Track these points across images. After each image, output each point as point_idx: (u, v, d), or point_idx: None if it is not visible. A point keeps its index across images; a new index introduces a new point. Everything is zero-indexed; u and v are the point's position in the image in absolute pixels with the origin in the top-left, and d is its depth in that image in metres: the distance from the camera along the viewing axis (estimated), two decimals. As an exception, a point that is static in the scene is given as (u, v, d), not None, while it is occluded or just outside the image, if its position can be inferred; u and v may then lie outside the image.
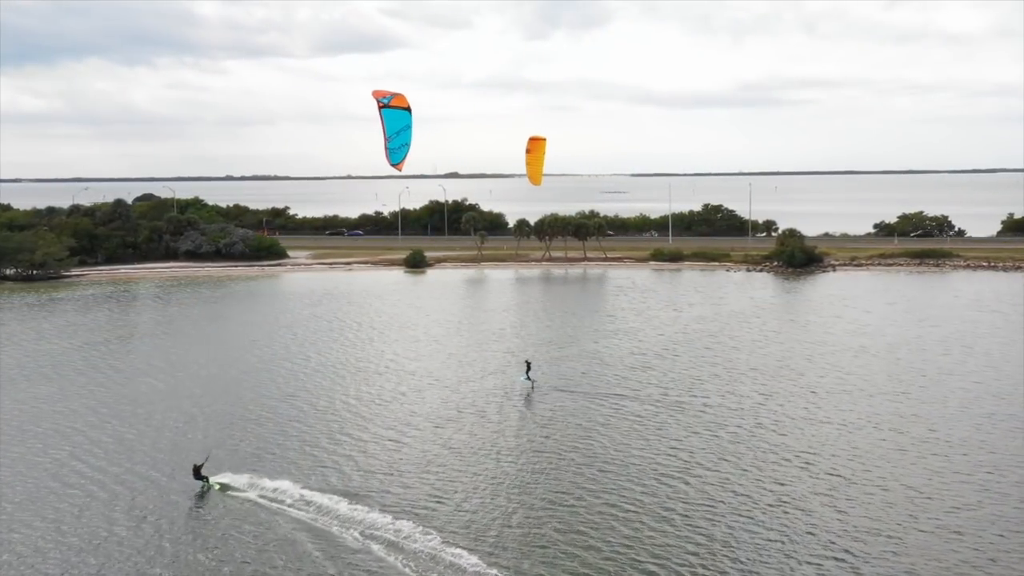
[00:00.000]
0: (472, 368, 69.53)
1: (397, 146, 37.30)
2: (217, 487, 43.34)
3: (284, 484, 43.49)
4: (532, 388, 61.71)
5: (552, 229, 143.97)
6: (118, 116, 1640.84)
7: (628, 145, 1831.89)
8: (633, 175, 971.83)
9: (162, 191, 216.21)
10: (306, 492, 42.71)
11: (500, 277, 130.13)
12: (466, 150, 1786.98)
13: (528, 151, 56.24)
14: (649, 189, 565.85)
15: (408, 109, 36.92)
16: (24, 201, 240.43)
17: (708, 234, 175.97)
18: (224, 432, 53.32)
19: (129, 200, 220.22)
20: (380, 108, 36.59)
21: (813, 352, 74.06)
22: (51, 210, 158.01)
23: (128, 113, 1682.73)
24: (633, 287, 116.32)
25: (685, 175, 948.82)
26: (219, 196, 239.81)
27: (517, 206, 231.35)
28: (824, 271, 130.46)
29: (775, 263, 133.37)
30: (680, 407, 57.36)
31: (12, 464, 47.94)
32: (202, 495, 42.91)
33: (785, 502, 41.27)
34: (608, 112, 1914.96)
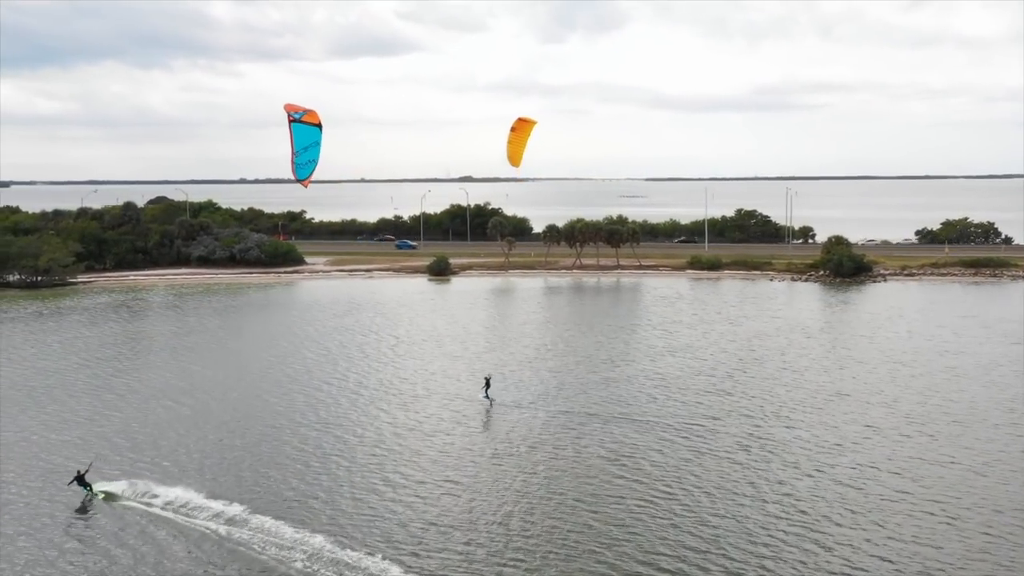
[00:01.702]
0: (526, 391, 62.29)
1: (304, 161, 37.10)
2: (101, 495, 41.87)
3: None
4: (491, 405, 57.98)
5: (583, 235, 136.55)
6: (132, 119, 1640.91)
7: (641, 149, 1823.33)
8: (647, 179, 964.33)
9: (174, 194, 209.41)
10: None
11: (530, 286, 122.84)
12: (480, 154, 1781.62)
13: (513, 129, 50.45)
14: (666, 193, 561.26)
15: (319, 126, 36.87)
16: (37, 204, 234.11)
17: (742, 240, 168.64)
18: (264, 470, 46.17)
19: (141, 203, 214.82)
20: (290, 122, 36.00)
21: (897, 373, 66.64)
22: (57, 213, 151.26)
23: (142, 115, 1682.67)
24: (678, 297, 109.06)
25: (699, 179, 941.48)
26: (232, 199, 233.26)
27: (534, 210, 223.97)
28: (874, 281, 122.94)
29: (821, 272, 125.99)
30: (775, 444, 49.92)
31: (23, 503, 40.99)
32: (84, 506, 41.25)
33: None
34: (621, 116, 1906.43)
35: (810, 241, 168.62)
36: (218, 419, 55.92)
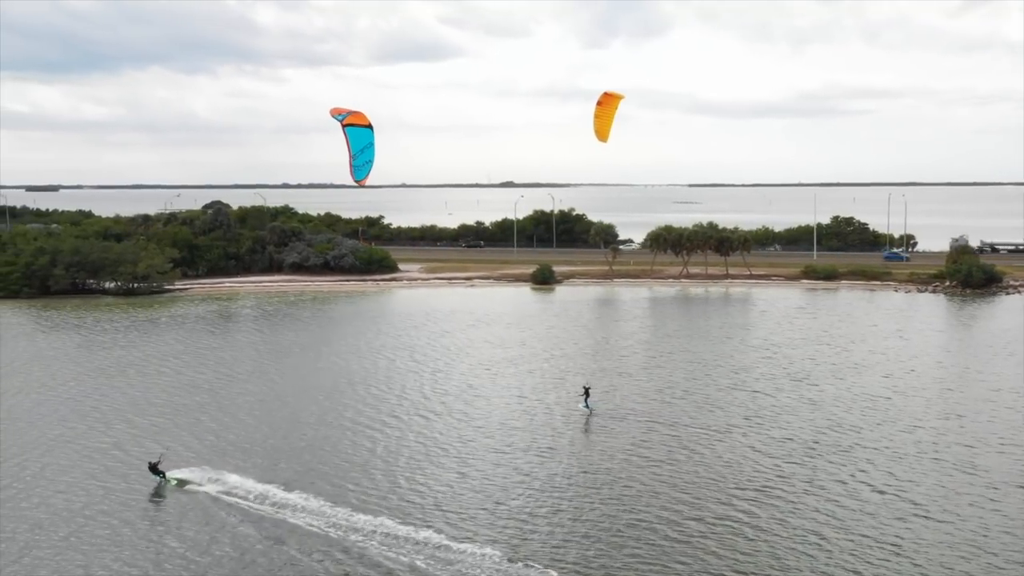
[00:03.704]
0: (630, 403, 57.24)
1: (362, 163, 37.71)
2: (174, 483, 44.59)
3: None
4: (590, 415, 57.35)
5: (691, 243, 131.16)
6: (177, 123, 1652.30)
7: (684, 155, 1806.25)
8: (689, 185, 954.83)
9: (225, 197, 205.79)
10: None
11: (636, 295, 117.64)
12: (522, 159, 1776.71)
13: (599, 103, 46.59)
14: (721, 199, 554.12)
15: (369, 127, 37.55)
16: (87, 207, 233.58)
17: (840, 248, 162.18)
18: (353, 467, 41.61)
19: (194, 207, 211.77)
20: (343, 126, 36.84)
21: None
22: (147, 218, 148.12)
23: (187, 120, 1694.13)
24: (815, 308, 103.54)
25: (743, 186, 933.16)
26: (277, 203, 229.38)
27: (591, 217, 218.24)
28: (1007, 293, 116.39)
29: (947, 283, 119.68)
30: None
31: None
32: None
33: None
34: (663, 121, 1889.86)
35: (911, 250, 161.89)
36: (307, 421, 56.89)
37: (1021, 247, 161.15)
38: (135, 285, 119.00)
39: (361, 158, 37.53)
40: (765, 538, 38.22)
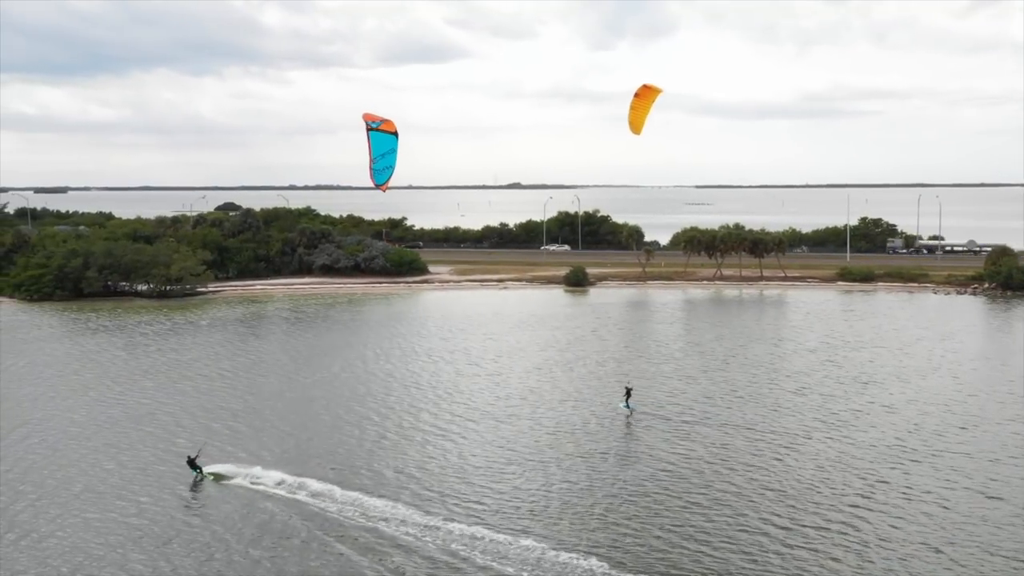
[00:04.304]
0: (675, 404, 56.45)
1: (382, 167, 38.48)
2: (211, 477, 45.80)
3: None
4: (631, 415, 57.49)
5: (725, 244, 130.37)
6: (183, 125, 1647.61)
7: (690, 156, 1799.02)
8: (696, 186, 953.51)
9: (229, 198, 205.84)
10: None
11: (670, 298, 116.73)
12: (527, 161, 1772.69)
13: (637, 95, 45.84)
14: (731, 201, 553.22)
15: (395, 134, 38.29)
16: (95, 209, 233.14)
17: (867, 250, 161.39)
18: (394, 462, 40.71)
19: (209, 209, 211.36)
20: (368, 131, 37.65)
21: None
22: (175, 220, 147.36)
23: (193, 122, 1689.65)
24: (860, 311, 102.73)
25: (749, 187, 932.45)
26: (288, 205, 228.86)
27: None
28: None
29: (987, 285, 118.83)
30: None
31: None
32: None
33: None
34: (669, 123, 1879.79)
35: (943, 252, 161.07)
36: (370, 421, 57.06)
37: (957, 247, 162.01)
38: (167, 287, 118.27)
39: (381, 163, 38.35)
40: (882, 546, 37.39)
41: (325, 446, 51.72)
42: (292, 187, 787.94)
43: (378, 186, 39.05)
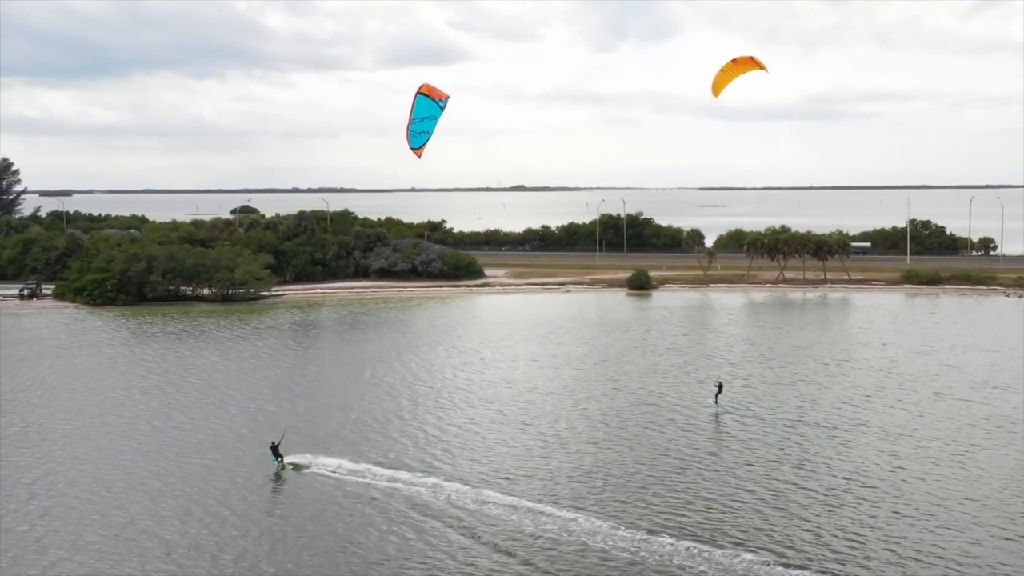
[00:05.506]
0: (762, 402, 55.46)
1: (419, 130, 37.92)
2: (290, 467, 46.92)
3: None
4: (719, 411, 58.57)
5: (788, 247, 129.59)
6: (186, 128, 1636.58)
7: (694, 158, 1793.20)
8: (700, 188, 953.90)
9: (234, 200, 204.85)
10: None
11: (735, 301, 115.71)
12: (531, 163, 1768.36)
13: (734, 60, 45.25)
14: (742, 203, 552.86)
15: (438, 102, 37.58)
16: (99, 212, 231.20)
17: (917, 252, 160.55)
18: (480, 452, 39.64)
19: (226, 213, 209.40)
20: (417, 94, 37.32)
21: None
22: (228, 223, 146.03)
23: (195, 125, 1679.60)
24: (944, 313, 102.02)
25: (753, 189, 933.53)
26: (290, 207, 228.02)
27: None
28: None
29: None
30: None
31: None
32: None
33: None
34: (672, 125, 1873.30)
35: (991, 253, 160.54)
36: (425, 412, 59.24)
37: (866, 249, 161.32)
38: (231, 291, 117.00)
39: (419, 125, 37.96)
40: None
41: (412, 439, 53.09)
42: (296, 190, 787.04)
43: (413, 149, 38.99)
